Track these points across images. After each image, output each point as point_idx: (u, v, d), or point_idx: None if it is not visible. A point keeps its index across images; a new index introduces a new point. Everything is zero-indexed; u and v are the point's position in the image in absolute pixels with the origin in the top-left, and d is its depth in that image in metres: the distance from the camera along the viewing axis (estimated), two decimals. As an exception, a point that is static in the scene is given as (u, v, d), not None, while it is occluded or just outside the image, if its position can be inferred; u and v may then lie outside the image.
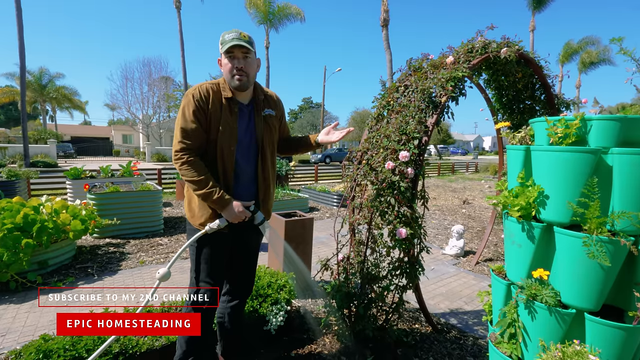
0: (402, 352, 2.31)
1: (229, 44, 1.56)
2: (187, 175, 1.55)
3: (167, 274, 1.50)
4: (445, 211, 7.77)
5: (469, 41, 2.63)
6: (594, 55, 30.34)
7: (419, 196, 2.19)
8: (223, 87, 1.66)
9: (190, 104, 1.57)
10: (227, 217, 1.60)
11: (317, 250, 4.38)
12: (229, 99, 1.64)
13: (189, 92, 1.61)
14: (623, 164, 1.32)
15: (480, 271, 4.04)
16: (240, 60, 1.60)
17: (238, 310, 1.93)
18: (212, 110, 1.60)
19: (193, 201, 1.69)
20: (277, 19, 24.23)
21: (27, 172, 8.43)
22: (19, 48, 15.29)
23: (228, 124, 1.62)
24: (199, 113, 1.57)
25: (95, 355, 1.40)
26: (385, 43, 17.00)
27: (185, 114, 1.57)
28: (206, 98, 1.60)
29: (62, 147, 27.67)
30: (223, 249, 1.75)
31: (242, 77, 1.60)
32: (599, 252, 1.27)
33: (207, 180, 1.56)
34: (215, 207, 1.59)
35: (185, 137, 1.56)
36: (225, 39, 1.58)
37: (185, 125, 1.56)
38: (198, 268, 1.71)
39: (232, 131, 1.63)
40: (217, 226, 1.61)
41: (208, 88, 1.62)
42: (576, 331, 1.40)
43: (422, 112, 2.22)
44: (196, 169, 1.55)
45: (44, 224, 3.41)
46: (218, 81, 1.69)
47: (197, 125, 1.57)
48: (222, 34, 1.62)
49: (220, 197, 1.56)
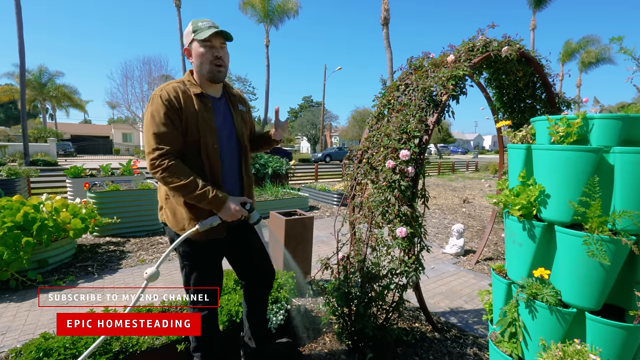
0: (402, 350, 2.31)
1: (206, 31, 1.49)
2: (172, 182, 1.43)
3: (155, 273, 1.43)
4: (445, 210, 7.77)
5: (470, 40, 2.62)
6: (593, 54, 30.32)
7: (419, 195, 2.19)
8: (189, 83, 1.57)
9: (160, 106, 1.45)
10: (223, 216, 1.53)
11: (317, 249, 4.38)
12: (199, 94, 1.55)
13: (155, 94, 1.48)
14: (625, 163, 1.32)
15: (480, 270, 4.04)
16: (219, 49, 1.55)
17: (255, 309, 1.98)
18: (186, 110, 1.49)
19: (178, 211, 1.57)
20: (276, 15, 24.18)
21: (27, 170, 8.42)
22: (18, 46, 15.27)
23: (206, 121, 1.54)
24: (171, 115, 1.46)
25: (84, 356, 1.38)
26: (386, 41, 16.98)
27: (155, 118, 1.45)
28: (176, 98, 1.48)
29: (62, 145, 27.65)
30: (217, 259, 1.73)
31: (221, 66, 1.56)
32: (599, 251, 1.26)
33: (197, 180, 1.45)
34: (211, 207, 1.50)
35: (160, 142, 1.43)
36: (200, 27, 1.51)
37: (158, 129, 1.44)
38: (188, 281, 1.67)
39: (212, 128, 1.56)
40: (209, 224, 1.51)
41: (175, 87, 1.52)
42: (577, 330, 1.40)
43: (422, 110, 2.21)
44: (180, 172, 1.43)
45: (44, 223, 3.41)
46: (182, 79, 1.59)
47: (172, 128, 1.46)
48: (193, 21, 1.55)
49: (216, 196, 1.47)
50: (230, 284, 2.49)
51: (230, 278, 2.53)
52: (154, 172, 1.45)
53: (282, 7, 23.80)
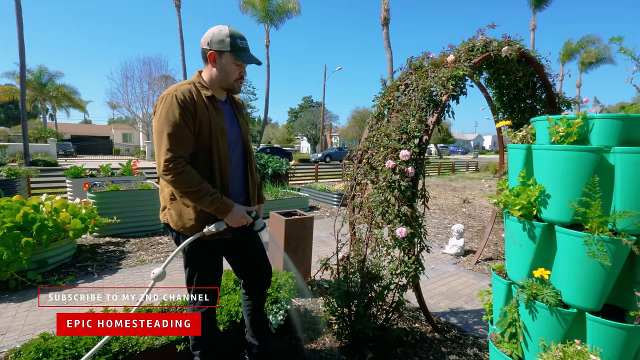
0: (402, 351, 2.31)
1: (247, 55, 1.55)
2: (183, 186, 1.45)
3: (162, 274, 1.46)
4: (445, 210, 7.77)
5: (470, 40, 2.62)
6: (593, 54, 30.31)
7: (419, 195, 2.19)
8: (200, 85, 1.58)
9: (175, 106, 1.43)
10: (229, 222, 1.56)
11: (317, 249, 4.38)
12: (210, 97, 1.57)
13: (169, 94, 1.46)
14: (625, 163, 1.31)
15: (480, 270, 4.03)
16: (244, 69, 1.60)
17: (255, 307, 1.99)
18: (200, 113, 1.50)
19: (185, 212, 1.57)
20: (277, 15, 24.17)
21: (27, 170, 8.43)
22: (18, 46, 15.27)
23: (217, 124, 1.55)
24: (186, 116, 1.45)
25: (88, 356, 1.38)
26: (386, 42, 16.98)
27: (170, 118, 1.43)
28: (190, 99, 1.48)
29: (62, 145, 27.65)
30: (218, 258, 1.75)
31: (242, 84, 1.63)
32: (599, 252, 1.26)
33: (206, 187, 1.48)
34: (218, 213, 1.52)
35: (174, 144, 1.42)
36: (239, 45, 1.53)
37: (173, 130, 1.42)
38: (192, 279, 1.69)
39: (223, 130, 1.58)
40: (216, 229, 1.55)
41: (188, 89, 1.51)
42: (577, 331, 1.39)
43: (422, 110, 2.21)
44: (192, 178, 1.45)
45: (44, 223, 3.41)
46: (192, 81, 1.59)
47: (186, 129, 1.45)
48: (230, 31, 1.52)
49: (223, 203, 1.51)
50: (230, 284, 2.49)
51: (230, 278, 2.53)
52: (165, 175, 1.44)
53: (282, 7, 23.79)
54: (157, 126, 1.46)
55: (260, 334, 2.04)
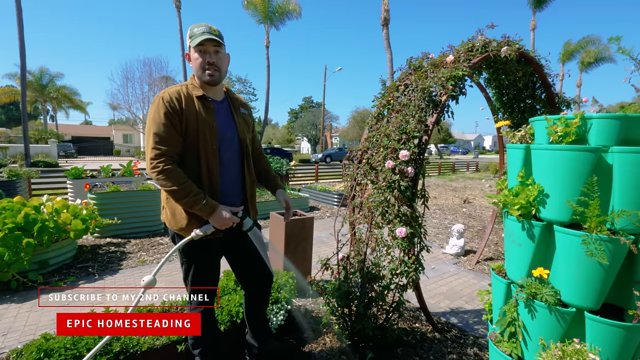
0: (403, 351, 2.31)
1: (199, 37, 1.53)
2: (166, 185, 1.48)
3: (152, 281, 1.47)
4: (445, 210, 7.77)
5: (470, 40, 2.63)
6: (593, 54, 30.23)
7: (419, 195, 2.19)
8: (192, 86, 1.62)
9: (161, 107, 1.49)
10: (214, 223, 1.55)
11: (317, 249, 4.38)
12: (200, 97, 1.59)
13: (158, 96, 1.53)
14: (623, 163, 1.32)
15: (480, 270, 4.04)
16: (212, 54, 1.58)
17: (255, 307, 2.00)
18: (187, 112, 1.53)
19: (177, 211, 1.60)
20: (277, 16, 24.16)
21: (28, 171, 8.45)
22: (19, 48, 15.29)
23: (206, 122, 1.57)
24: (172, 116, 1.50)
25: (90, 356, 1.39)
26: (386, 42, 16.97)
27: (156, 118, 1.49)
28: (177, 100, 1.53)
29: (62, 146, 27.71)
30: (214, 257, 1.75)
31: (214, 71, 1.59)
32: (598, 251, 1.27)
33: (190, 187, 1.49)
34: (202, 214, 1.54)
35: (159, 142, 1.47)
36: (195, 32, 1.55)
37: (158, 129, 1.48)
38: (187, 277, 1.71)
39: (212, 128, 1.59)
40: (204, 232, 1.55)
41: (177, 90, 1.56)
42: (576, 330, 1.40)
43: (422, 111, 2.22)
44: (175, 176, 1.47)
45: (45, 224, 3.42)
46: (185, 83, 1.65)
47: (172, 128, 1.50)
48: (191, 27, 1.59)
49: (206, 204, 1.51)
50: (230, 284, 2.49)
51: (231, 279, 2.53)
52: (151, 172, 1.49)
53: (282, 7, 23.77)
54: (147, 126, 1.53)
55: (260, 334, 2.04)
